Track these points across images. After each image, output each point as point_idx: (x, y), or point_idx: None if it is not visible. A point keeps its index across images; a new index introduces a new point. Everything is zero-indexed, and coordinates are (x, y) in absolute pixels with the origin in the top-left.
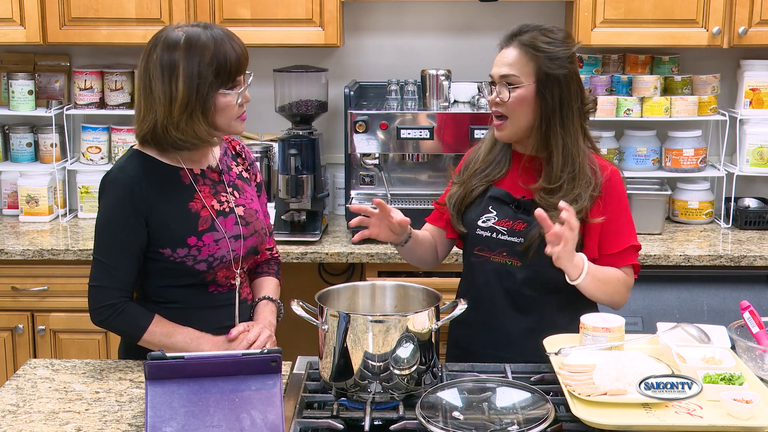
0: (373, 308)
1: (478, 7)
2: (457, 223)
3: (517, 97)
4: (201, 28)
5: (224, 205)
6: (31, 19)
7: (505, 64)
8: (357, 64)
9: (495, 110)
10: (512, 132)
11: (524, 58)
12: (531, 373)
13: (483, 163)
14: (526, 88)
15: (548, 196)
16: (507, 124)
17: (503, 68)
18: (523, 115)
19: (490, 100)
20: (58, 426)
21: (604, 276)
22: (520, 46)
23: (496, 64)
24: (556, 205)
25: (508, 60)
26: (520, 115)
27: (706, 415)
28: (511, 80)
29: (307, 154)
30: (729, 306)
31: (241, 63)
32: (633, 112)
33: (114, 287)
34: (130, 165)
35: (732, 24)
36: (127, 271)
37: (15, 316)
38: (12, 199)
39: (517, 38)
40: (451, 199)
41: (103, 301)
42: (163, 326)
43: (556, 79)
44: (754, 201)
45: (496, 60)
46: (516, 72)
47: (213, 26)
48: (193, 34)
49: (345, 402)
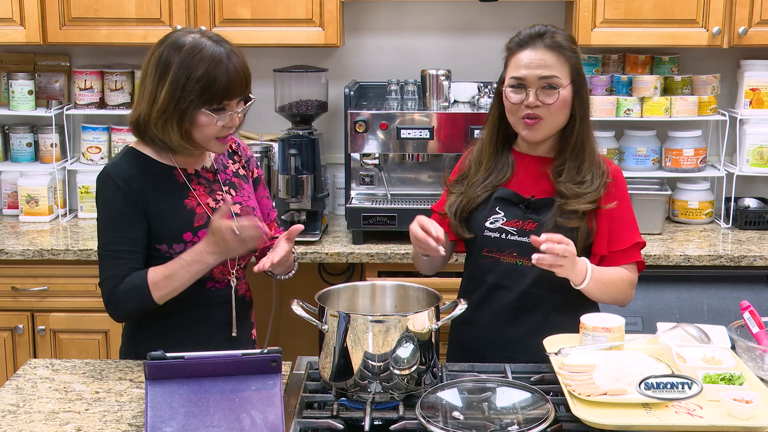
0: (373, 308)
1: (478, 7)
2: (461, 230)
3: (561, 99)
4: (212, 41)
5: (220, 202)
6: (31, 19)
7: (543, 66)
8: (357, 64)
9: (532, 112)
10: (547, 133)
11: (560, 59)
12: (531, 373)
13: (485, 171)
14: (567, 89)
15: (576, 187)
16: (543, 125)
17: (543, 70)
18: (561, 116)
19: (528, 103)
20: (58, 426)
21: (609, 277)
22: (550, 48)
23: (526, 66)
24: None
25: (546, 62)
26: (559, 116)
27: (706, 415)
28: (554, 82)
29: (307, 154)
30: (729, 306)
31: (231, 89)
32: (633, 112)
33: (124, 275)
34: (124, 161)
35: (732, 24)
36: (135, 259)
37: (15, 316)
38: (12, 199)
39: (540, 40)
40: (452, 208)
41: (113, 290)
42: (159, 273)
43: (584, 78)
44: (754, 201)
45: (523, 62)
46: (556, 73)
47: (224, 43)
48: (197, 45)
49: (345, 402)
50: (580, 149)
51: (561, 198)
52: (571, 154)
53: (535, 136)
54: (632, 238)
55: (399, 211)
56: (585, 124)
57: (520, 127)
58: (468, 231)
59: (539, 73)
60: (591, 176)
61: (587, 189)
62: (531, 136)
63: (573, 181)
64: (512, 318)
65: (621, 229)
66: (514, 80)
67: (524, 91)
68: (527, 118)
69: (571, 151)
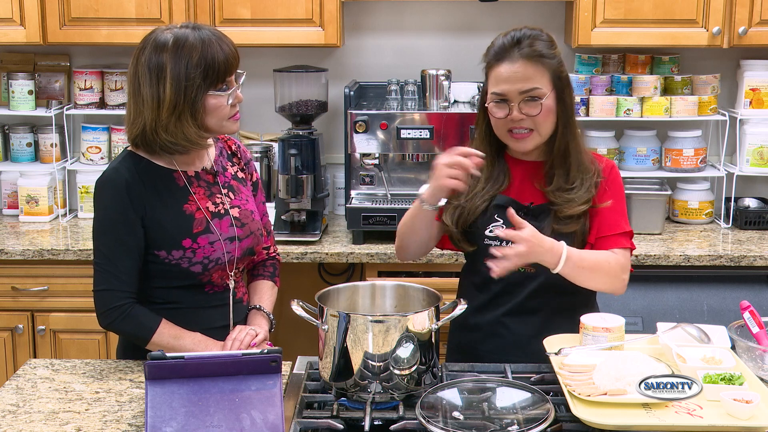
0: (373, 308)
1: (478, 7)
2: (463, 242)
3: (545, 108)
4: (190, 29)
5: (219, 206)
6: (31, 19)
7: (521, 80)
8: (357, 64)
9: (519, 125)
10: (538, 142)
11: (538, 68)
12: (531, 373)
13: (483, 182)
14: (549, 97)
15: (566, 194)
16: (533, 136)
17: (522, 84)
18: (549, 124)
19: (512, 117)
20: (58, 426)
21: (592, 261)
22: (527, 58)
23: (505, 81)
24: (573, 200)
25: (524, 74)
26: (547, 125)
27: (706, 415)
28: (536, 93)
29: (307, 154)
30: (729, 306)
31: (230, 64)
32: (633, 112)
33: (118, 289)
34: (123, 166)
35: (732, 24)
36: (129, 272)
37: (15, 316)
38: (12, 199)
39: (517, 50)
40: (452, 220)
41: (109, 304)
42: (170, 329)
43: (566, 80)
44: (754, 201)
45: (503, 77)
46: (537, 84)
47: (203, 27)
48: (181, 36)
49: (345, 402)
50: (565, 154)
51: (554, 205)
52: (557, 159)
53: (524, 147)
54: (620, 225)
55: (399, 211)
56: (569, 129)
57: (509, 140)
58: (469, 243)
59: (519, 87)
60: (580, 180)
61: (577, 193)
62: (521, 148)
63: (562, 189)
64: (514, 323)
65: (610, 216)
66: (496, 96)
67: (507, 105)
68: (515, 132)
69: (557, 156)
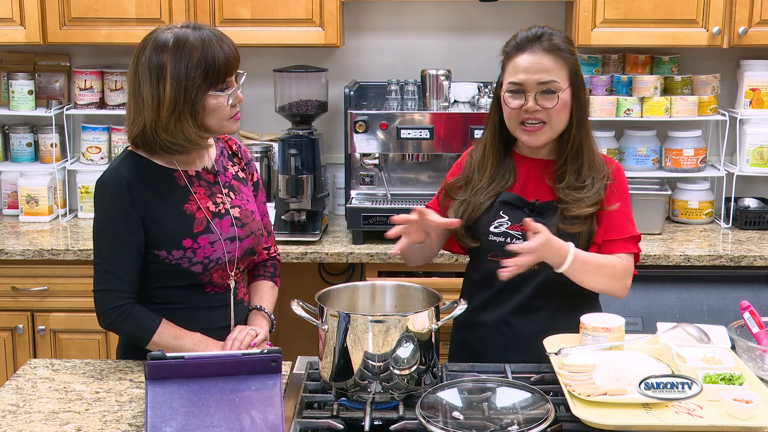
0: (373, 308)
1: (478, 7)
2: (466, 239)
3: (561, 102)
4: (191, 29)
5: (220, 206)
6: (31, 19)
7: (541, 71)
8: (357, 64)
9: (533, 117)
10: (550, 137)
11: (557, 62)
12: (531, 373)
13: (489, 178)
14: (566, 92)
15: (575, 192)
16: (546, 130)
17: (541, 75)
18: (562, 119)
19: (527, 108)
20: (58, 426)
21: (597, 263)
22: (548, 51)
23: (524, 71)
24: (582, 200)
25: (544, 66)
26: (560, 119)
27: (706, 415)
28: (554, 86)
29: (307, 154)
30: (729, 306)
31: (230, 64)
32: (633, 112)
33: (118, 289)
34: (124, 166)
35: (732, 24)
36: (129, 272)
37: (15, 316)
38: (12, 199)
39: (538, 43)
40: (456, 215)
41: (109, 304)
42: (170, 329)
43: (582, 79)
44: (754, 201)
45: (521, 67)
46: (555, 77)
47: (203, 27)
48: (181, 36)
49: (345, 402)
50: (578, 152)
51: (562, 203)
52: (569, 158)
53: (536, 141)
54: (628, 229)
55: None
56: (583, 127)
57: (520, 132)
58: (473, 239)
59: (538, 78)
60: (591, 180)
61: (587, 193)
62: (532, 142)
63: (572, 187)
64: (517, 321)
65: (618, 219)
66: (513, 85)
67: (523, 96)
68: (527, 124)
69: (570, 154)
